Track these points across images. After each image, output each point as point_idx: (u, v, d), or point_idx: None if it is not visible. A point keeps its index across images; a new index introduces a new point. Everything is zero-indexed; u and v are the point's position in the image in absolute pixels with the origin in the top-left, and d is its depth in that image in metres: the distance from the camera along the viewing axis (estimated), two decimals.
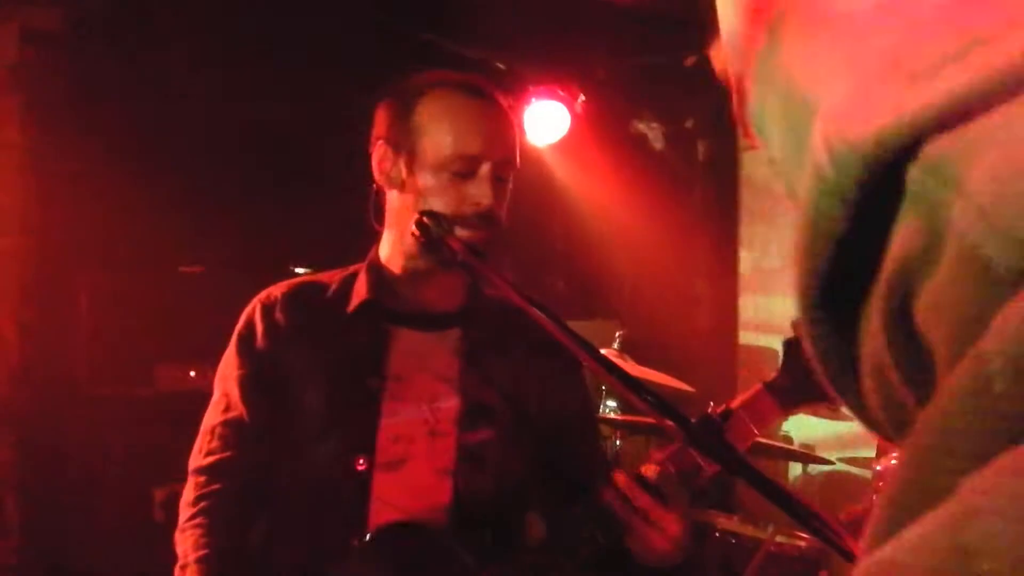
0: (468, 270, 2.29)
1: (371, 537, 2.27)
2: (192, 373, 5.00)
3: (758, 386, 2.19)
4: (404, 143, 2.43)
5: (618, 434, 5.14)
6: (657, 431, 4.52)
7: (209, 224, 5.09)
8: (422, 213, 2.31)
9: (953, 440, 0.49)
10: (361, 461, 2.35)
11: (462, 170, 2.35)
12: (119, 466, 4.88)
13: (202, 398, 4.87)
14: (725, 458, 1.91)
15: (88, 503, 4.84)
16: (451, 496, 2.36)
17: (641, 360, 5.19)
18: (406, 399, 2.41)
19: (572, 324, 2.15)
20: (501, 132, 2.42)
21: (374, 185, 2.51)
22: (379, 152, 2.47)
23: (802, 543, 4.86)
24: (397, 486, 2.35)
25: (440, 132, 2.39)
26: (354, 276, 2.55)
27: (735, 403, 2.17)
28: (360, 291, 2.50)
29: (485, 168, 2.36)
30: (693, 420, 1.93)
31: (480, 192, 2.35)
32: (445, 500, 2.36)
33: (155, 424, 4.87)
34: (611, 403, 5.33)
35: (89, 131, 4.85)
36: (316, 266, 2.77)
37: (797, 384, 2.16)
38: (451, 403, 2.42)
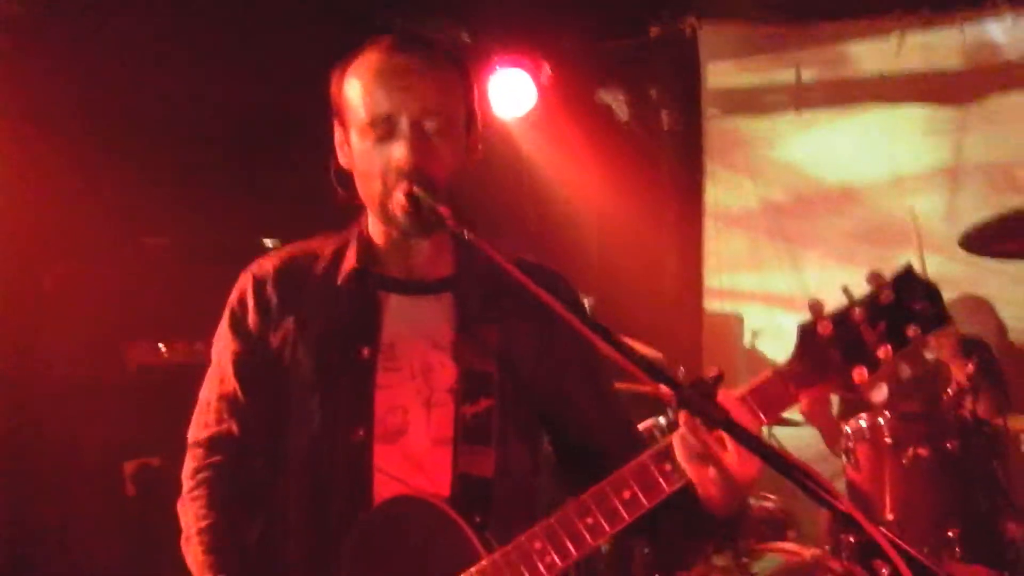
0: (458, 239, 2.24)
1: (377, 509, 2.27)
2: (161, 347, 4.96)
3: (767, 373, 2.15)
4: (342, 119, 2.43)
5: None
6: (637, 402, 4.52)
7: (173, 195, 5.02)
8: (414, 184, 2.29)
9: None
10: (360, 432, 2.35)
11: (381, 134, 2.32)
12: (89, 441, 4.83)
13: (171, 372, 4.86)
14: (717, 420, 1.92)
15: (59, 480, 4.80)
16: (451, 467, 2.35)
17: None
18: (399, 369, 2.39)
19: None
20: (416, 83, 2.34)
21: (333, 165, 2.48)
22: (336, 133, 2.47)
23: (769, 504, 4.93)
24: (397, 457, 2.33)
25: (355, 101, 2.37)
26: (347, 243, 2.53)
27: (743, 390, 2.14)
28: (350, 260, 2.49)
29: (403, 123, 2.31)
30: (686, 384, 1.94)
31: (398, 152, 2.30)
32: (446, 471, 2.34)
33: (124, 400, 4.83)
34: None
35: (50, 106, 4.78)
36: (285, 237, 2.74)
37: (812, 368, 2.12)
38: (446, 372, 2.40)
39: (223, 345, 2.50)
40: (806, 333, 2.13)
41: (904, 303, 2.11)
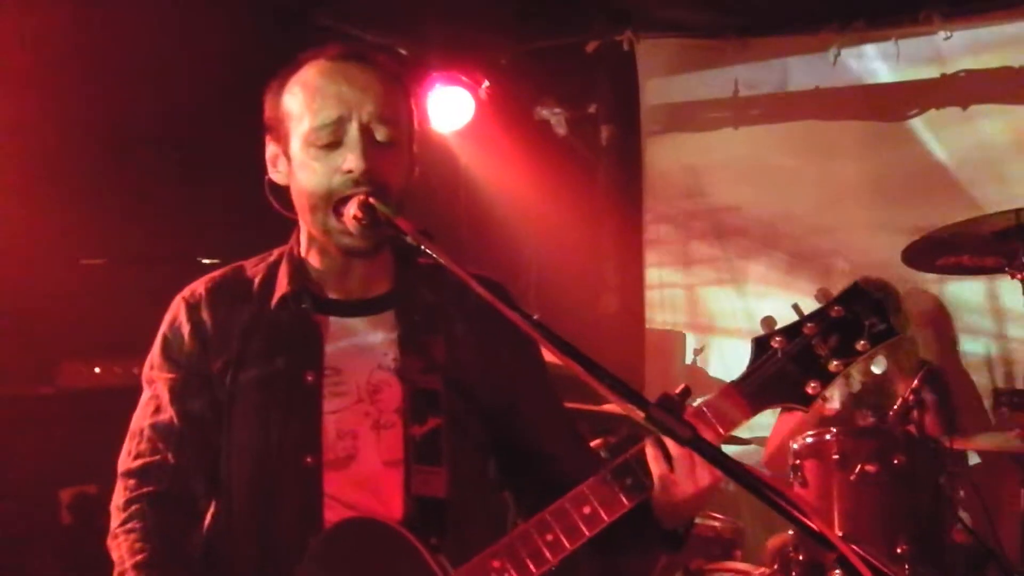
0: (415, 251, 2.13)
1: (326, 535, 2.19)
2: (97, 369, 4.84)
3: (725, 386, 2.16)
4: (278, 132, 2.35)
5: None
6: (585, 421, 4.48)
7: (110, 216, 4.93)
8: (368, 194, 2.21)
9: None
10: (309, 459, 2.27)
11: (327, 140, 2.24)
12: (22, 468, 4.68)
13: (108, 395, 4.73)
14: (685, 439, 1.87)
15: None
16: (404, 489, 2.28)
17: None
18: (346, 392, 2.32)
19: None
20: (366, 90, 2.27)
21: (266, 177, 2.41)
22: (268, 148, 2.40)
23: (717, 524, 4.90)
24: (347, 483, 2.26)
25: (298, 110, 2.29)
26: (277, 265, 2.45)
27: (700, 403, 2.15)
28: (282, 284, 2.40)
29: (352, 129, 2.24)
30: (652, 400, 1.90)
31: (348, 158, 2.22)
32: (399, 494, 2.28)
33: (59, 423, 4.71)
34: None
35: None
36: (222, 256, 2.67)
37: (768, 382, 2.15)
38: (392, 392, 2.33)
39: (157, 373, 2.41)
40: (760, 347, 2.15)
41: (854, 318, 2.17)
